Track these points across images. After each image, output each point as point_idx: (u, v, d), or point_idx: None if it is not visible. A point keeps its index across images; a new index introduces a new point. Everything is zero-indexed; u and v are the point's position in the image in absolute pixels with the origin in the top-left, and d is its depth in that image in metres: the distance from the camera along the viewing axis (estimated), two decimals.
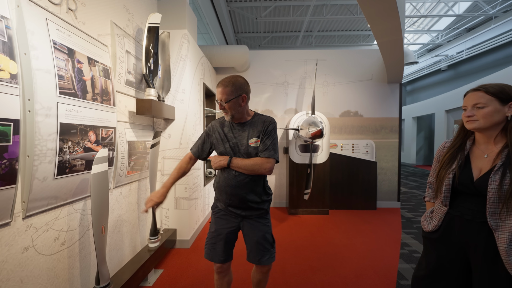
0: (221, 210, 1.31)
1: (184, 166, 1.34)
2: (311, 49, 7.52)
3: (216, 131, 1.29)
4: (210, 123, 1.36)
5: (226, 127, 1.28)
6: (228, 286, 1.37)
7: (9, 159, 0.94)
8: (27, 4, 1.03)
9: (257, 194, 1.25)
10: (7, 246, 0.98)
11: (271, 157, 1.19)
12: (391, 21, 2.39)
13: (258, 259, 1.27)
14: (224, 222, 1.29)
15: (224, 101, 1.17)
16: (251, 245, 1.28)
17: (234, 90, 1.17)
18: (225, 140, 1.26)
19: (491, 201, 0.83)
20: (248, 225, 1.27)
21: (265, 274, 1.34)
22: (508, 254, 0.79)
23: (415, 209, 3.87)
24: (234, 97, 1.17)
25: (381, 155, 3.90)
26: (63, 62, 1.19)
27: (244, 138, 1.23)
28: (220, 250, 1.28)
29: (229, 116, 1.21)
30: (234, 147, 1.24)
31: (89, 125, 1.36)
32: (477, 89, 0.91)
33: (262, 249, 1.26)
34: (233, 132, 1.25)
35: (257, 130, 1.22)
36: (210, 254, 1.29)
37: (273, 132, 1.24)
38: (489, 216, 0.84)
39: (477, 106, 0.89)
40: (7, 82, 0.92)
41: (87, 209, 1.42)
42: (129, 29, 1.89)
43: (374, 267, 2.08)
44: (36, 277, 1.11)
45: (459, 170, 0.93)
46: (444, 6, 6.80)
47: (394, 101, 3.88)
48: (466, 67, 8.70)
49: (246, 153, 1.22)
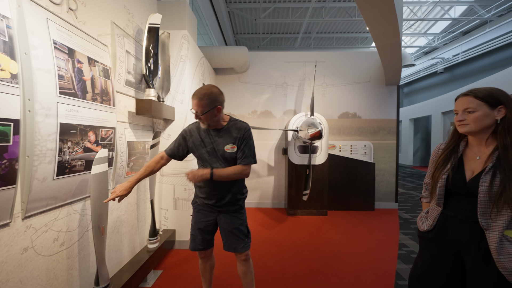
0: (199, 205, 1.43)
1: (152, 165, 1.38)
2: (310, 50, 7.56)
3: (193, 136, 1.36)
4: (187, 126, 1.42)
5: (203, 132, 1.35)
6: (211, 269, 1.54)
7: (9, 159, 0.94)
8: (28, 4, 1.03)
9: (233, 194, 1.36)
10: (7, 247, 0.98)
11: (249, 163, 1.32)
12: (390, 24, 2.42)
13: (234, 247, 1.38)
14: (202, 216, 1.41)
15: (200, 113, 1.24)
16: (226, 235, 1.39)
17: (209, 102, 1.23)
18: (202, 145, 1.34)
19: (482, 201, 0.86)
20: (224, 218, 1.39)
21: (246, 262, 1.43)
22: (499, 253, 0.81)
23: (413, 210, 3.91)
24: (209, 109, 1.23)
25: (379, 156, 3.93)
26: (63, 62, 1.19)
27: (220, 144, 1.31)
28: (199, 240, 1.42)
29: (205, 125, 1.30)
30: (212, 152, 1.32)
31: (88, 125, 1.35)
32: (467, 94, 0.93)
33: (236, 239, 1.38)
34: (210, 138, 1.33)
35: (232, 137, 1.32)
36: (191, 244, 1.44)
37: (249, 138, 1.34)
38: (480, 216, 0.86)
39: (467, 111, 0.91)
40: (7, 82, 0.92)
41: (86, 210, 1.41)
42: (129, 29, 1.88)
43: (372, 268, 2.09)
44: (35, 278, 1.10)
45: (453, 172, 0.96)
46: (440, 9, 6.89)
47: (392, 103, 3.92)
48: (462, 69, 8.82)
49: (223, 158, 1.32)
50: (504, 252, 0.81)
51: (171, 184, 2.43)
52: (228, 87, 3.97)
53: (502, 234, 0.82)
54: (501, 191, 0.81)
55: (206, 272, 1.52)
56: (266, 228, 3.06)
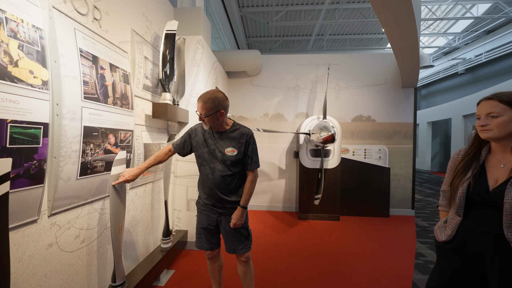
0: (202, 206, 1.47)
1: (161, 156, 1.46)
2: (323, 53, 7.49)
3: (197, 135, 1.44)
4: (193, 126, 1.49)
5: (207, 133, 1.42)
6: (219, 270, 1.56)
7: (38, 160, 1.00)
8: (58, 16, 1.10)
9: (232, 194, 1.40)
10: (34, 242, 1.04)
11: (256, 167, 1.42)
12: (407, 25, 2.35)
13: (234, 248, 1.42)
14: (205, 217, 1.45)
15: (203, 116, 1.31)
16: (226, 236, 1.43)
17: (213, 106, 1.30)
18: (204, 145, 1.40)
19: (508, 213, 0.81)
20: (224, 220, 1.42)
21: (246, 263, 1.47)
22: None
23: (431, 217, 3.73)
24: (213, 112, 1.30)
25: (395, 161, 3.80)
26: (88, 69, 1.26)
27: (222, 146, 1.37)
28: (205, 240, 1.46)
29: (208, 127, 1.35)
30: (212, 153, 1.38)
31: (109, 128, 1.42)
32: (491, 98, 0.89)
33: (236, 240, 1.42)
34: (213, 139, 1.40)
35: (235, 141, 1.37)
36: (198, 244, 1.48)
37: (254, 144, 1.42)
38: (506, 229, 0.82)
39: (491, 115, 0.87)
40: (39, 88, 0.99)
41: (105, 209, 1.48)
42: (148, 36, 1.96)
43: (387, 277, 2.02)
44: (58, 273, 1.16)
45: (474, 180, 0.91)
46: (462, 8, 6.59)
47: (409, 106, 3.79)
48: (485, 70, 8.36)
49: (222, 160, 1.36)
50: None
51: (184, 186, 2.48)
52: (240, 90, 4.01)
53: None
54: None
55: (215, 273, 1.54)
56: (277, 231, 3.04)
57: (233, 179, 1.39)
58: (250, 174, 1.42)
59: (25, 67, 0.94)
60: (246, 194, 1.40)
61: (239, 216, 1.37)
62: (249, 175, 1.42)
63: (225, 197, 1.38)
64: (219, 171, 1.36)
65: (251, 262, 1.50)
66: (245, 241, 1.43)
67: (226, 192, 1.39)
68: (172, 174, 2.46)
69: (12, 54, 0.90)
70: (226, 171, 1.36)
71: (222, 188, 1.37)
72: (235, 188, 1.41)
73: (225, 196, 1.38)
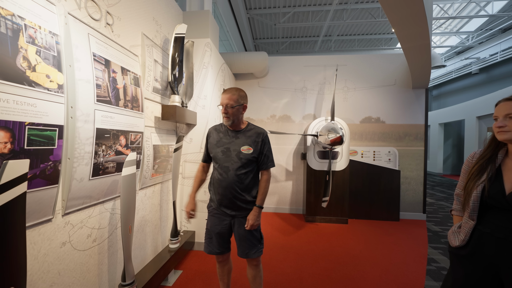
0: (214, 209, 1.45)
1: (199, 175, 1.55)
2: (331, 54, 7.43)
3: (211, 136, 1.47)
4: (208, 129, 1.53)
5: (221, 133, 1.44)
6: (228, 273, 1.55)
7: (53, 161, 1.04)
8: (73, 22, 1.14)
9: (246, 194, 1.38)
10: (49, 241, 1.08)
11: (272, 166, 1.44)
12: (418, 25, 2.30)
13: (246, 253, 1.40)
14: (216, 221, 1.43)
15: (230, 106, 1.33)
16: (239, 240, 1.41)
17: (238, 98, 1.35)
18: (218, 145, 1.42)
19: None
20: (237, 223, 1.40)
21: (256, 267, 1.46)
22: None
23: (443, 222, 3.62)
24: (238, 105, 1.35)
25: (405, 163, 3.71)
26: (101, 72, 1.30)
27: (237, 144, 1.38)
28: (216, 244, 1.44)
29: (230, 121, 1.36)
30: (226, 152, 1.38)
31: (120, 130, 1.45)
32: (510, 99, 0.87)
33: (249, 244, 1.40)
34: (227, 138, 1.41)
35: (251, 140, 1.38)
36: (208, 248, 1.47)
37: (269, 143, 1.45)
38: None
39: (509, 116, 0.85)
40: (55, 92, 1.02)
41: (116, 209, 1.51)
42: (157, 39, 2.00)
43: (397, 282, 1.97)
44: (71, 271, 1.19)
45: (489, 183, 0.89)
46: (475, 6, 6.39)
47: (419, 107, 3.70)
48: (500, 70, 8.05)
49: (237, 158, 1.36)
50: None
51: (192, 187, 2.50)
52: (248, 92, 3.98)
53: None
54: None
55: (224, 276, 1.54)
56: (284, 234, 3.02)
57: (247, 177, 1.38)
58: (264, 174, 1.42)
59: (42, 71, 0.97)
60: (261, 193, 1.39)
61: (255, 217, 1.36)
62: (263, 175, 1.42)
63: (239, 196, 1.36)
64: (234, 170, 1.35)
65: (261, 266, 1.49)
66: (257, 245, 1.42)
67: (240, 191, 1.37)
68: (180, 175, 2.49)
69: (30, 59, 0.93)
70: (241, 169, 1.35)
71: (236, 187, 1.36)
72: (249, 187, 1.39)
73: (239, 195, 1.36)
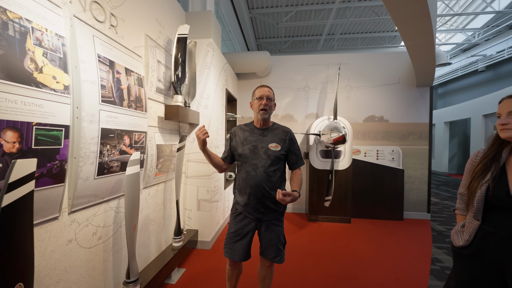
0: (240, 213, 1.43)
1: (222, 162, 1.49)
2: (333, 53, 7.38)
3: (237, 135, 1.47)
4: (232, 130, 1.52)
5: (246, 132, 1.45)
6: (238, 275, 1.53)
7: (60, 160, 1.06)
8: (79, 24, 1.17)
9: (273, 193, 1.35)
10: (55, 238, 1.10)
11: (301, 165, 1.48)
12: (422, 23, 2.28)
13: (272, 257, 1.39)
14: (243, 224, 1.41)
15: (270, 99, 1.39)
16: (266, 243, 1.40)
17: (273, 94, 1.44)
18: (244, 143, 1.41)
19: None
20: (265, 226, 1.40)
21: (269, 268, 1.47)
22: None
23: (448, 222, 3.58)
24: (273, 100, 1.43)
25: (409, 162, 3.68)
26: (105, 73, 1.32)
27: (264, 141, 1.39)
28: (240, 249, 1.40)
29: (267, 115, 1.39)
30: (253, 149, 1.38)
31: (124, 130, 1.47)
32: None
33: (276, 249, 1.39)
34: (254, 136, 1.42)
35: (278, 138, 1.40)
36: (231, 253, 1.41)
37: (296, 141, 1.47)
38: None
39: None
40: (61, 93, 1.05)
41: (120, 207, 1.54)
42: (160, 40, 2.02)
43: (401, 282, 1.96)
44: (77, 268, 1.22)
45: (493, 182, 0.88)
46: (482, 2, 6.28)
47: (424, 105, 3.66)
48: (508, 67, 7.90)
49: (266, 155, 1.37)
50: None
51: (195, 186, 2.53)
52: (250, 92, 4.03)
53: None
54: None
55: (233, 278, 1.51)
56: (286, 233, 3.01)
57: (275, 175, 1.37)
58: (298, 170, 1.46)
59: (48, 73, 1.00)
60: (298, 183, 1.38)
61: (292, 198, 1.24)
62: (297, 171, 1.45)
63: (267, 194, 1.34)
64: (262, 167, 1.34)
65: (273, 267, 1.49)
66: (282, 250, 1.41)
67: (268, 189, 1.34)
68: (184, 174, 2.51)
69: (37, 61, 0.96)
70: (269, 167, 1.35)
71: (265, 184, 1.34)
72: (276, 185, 1.38)
73: (267, 194, 1.34)
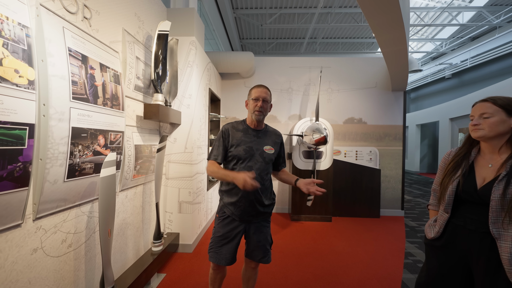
0: (228, 216, 1.37)
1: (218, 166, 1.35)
2: (316, 56, 7.58)
3: (230, 135, 1.36)
4: (222, 127, 1.40)
5: (239, 132, 1.38)
6: (221, 279, 1.48)
7: (23, 162, 0.97)
8: (46, 14, 1.08)
9: (264, 196, 1.35)
10: (18, 247, 1.00)
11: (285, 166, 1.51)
12: (396, 31, 2.42)
13: (260, 258, 1.38)
14: (231, 227, 1.36)
15: (266, 101, 1.33)
16: (254, 245, 1.38)
17: (270, 96, 1.38)
18: (240, 143, 1.35)
19: (494, 209, 0.85)
20: (253, 228, 1.38)
21: (254, 270, 1.47)
22: (511, 263, 0.81)
23: (419, 218, 3.83)
24: (270, 101, 1.38)
25: (385, 162, 3.88)
26: (77, 69, 1.23)
27: (260, 144, 1.36)
28: (226, 253, 1.35)
29: (262, 116, 1.34)
30: (249, 151, 1.33)
31: (99, 129, 1.39)
32: (486, 100, 0.94)
33: (264, 250, 1.39)
34: (248, 137, 1.36)
35: (272, 141, 1.40)
36: (217, 258, 1.35)
37: (284, 145, 1.49)
38: (491, 225, 0.86)
39: (483, 116, 0.92)
40: (25, 88, 0.96)
41: (93, 212, 1.44)
42: (140, 36, 1.94)
43: (377, 276, 2.06)
44: (43, 279, 1.12)
45: (463, 178, 0.95)
46: (448, 15, 6.84)
47: (398, 108, 3.89)
48: (470, 75, 8.69)
49: (261, 157, 1.34)
50: None
51: (176, 188, 2.45)
52: (234, 92, 4.01)
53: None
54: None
55: (216, 282, 1.46)
56: None
57: (267, 178, 1.37)
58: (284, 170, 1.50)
59: (10, 66, 0.91)
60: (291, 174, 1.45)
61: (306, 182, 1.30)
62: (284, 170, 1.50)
63: (259, 198, 1.32)
64: (258, 170, 1.31)
65: (257, 268, 1.48)
66: (269, 250, 1.41)
67: (261, 192, 1.33)
68: (164, 176, 2.42)
69: None
70: (263, 170, 1.34)
71: (259, 188, 1.28)
72: (268, 189, 1.38)
73: (259, 197, 1.32)
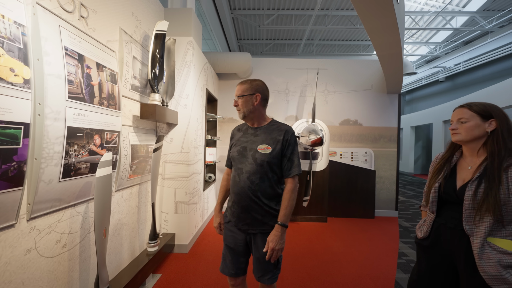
0: (230, 221, 1.25)
1: (224, 184, 1.34)
2: (313, 57, 7.64)
3: (233, 137, 1.30)
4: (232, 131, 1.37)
5: (241, 132, 1.27)
6: None
7: (18, 162, 0.96)
8: (42, 12, 1.07)
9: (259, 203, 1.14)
10: (11, 248, 0.99)
11: (296, 173, 1.14)
12: (391, 35, 2.46)
13: (258, 277, 1.19)
14: (231, 235, 1.23)
15: (237, 96, 1.18)
16: (254, 260, 1.20)
17: (249, 88, 1.17)
18: (236, 144, 1.24)
19: (467, 208, 0.90)
20: (253, 240, 1.18)
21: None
22: (480, 258, 0.85)
23: (413, 218, 3.89)
24: (248, 94, 1.17)
25: (380, 163, 3.93)
26: (73, 68, 1.23)
27: (255, 143, 1.17)
28: (229, 263, 1.22)
29: (241, 114, 1.19)
30: (242, 151, 1.19)
31: (95, 129, 1.38)
32: (463, 106, 1.00)
33: (263, 268, 1.16)
34: (246, 137, 1.22)
35: (271, 138, 1.16)
36: (222, 266, 1.25)
37: (295, 144, 1.18)
38: (464, 222, 0.91)
39: (460, 121, 0.98)
40: (20, 87, 0.95)
41: (89, 212, 1.43)
42: (137, 35, 1.93)
43: (371, 276, 2.09)
44: (37, 280, 1.11)
45: (445, 180, 1.01)
46: (442, 19, 6.97)
47: (393, 111, 3.95)
48: (463, 79, 8.86)
49: (252, 158, 1.14)
50: (484, 256, 0.85)
51: (172, 188, 2.44)
52: (231, 92, 4.01)
53: (485, 239, 0.86)
54: (484, 198, 0.86)
55: None
56: None
57: (262, 183, 1.13)
58: (289, 182, 1.14)
59: (5, 64, 0.90)
60: (284, 208, 1.10)
61: (278, 238, 1.06)
62: (288, 183, 1.14)
63: (252, 204, 1.13)
64: (247, 172, 1.14)
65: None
66: (273, 270, 1.16)
67: (256, 198, 1.13)
68: (160, 176, 2.41)
69: None
70: (255, 173, 1.12)
71: (251, 193, 1.12)
72: (265, 195, 1.14)
73: (252, 204, 1.13)
